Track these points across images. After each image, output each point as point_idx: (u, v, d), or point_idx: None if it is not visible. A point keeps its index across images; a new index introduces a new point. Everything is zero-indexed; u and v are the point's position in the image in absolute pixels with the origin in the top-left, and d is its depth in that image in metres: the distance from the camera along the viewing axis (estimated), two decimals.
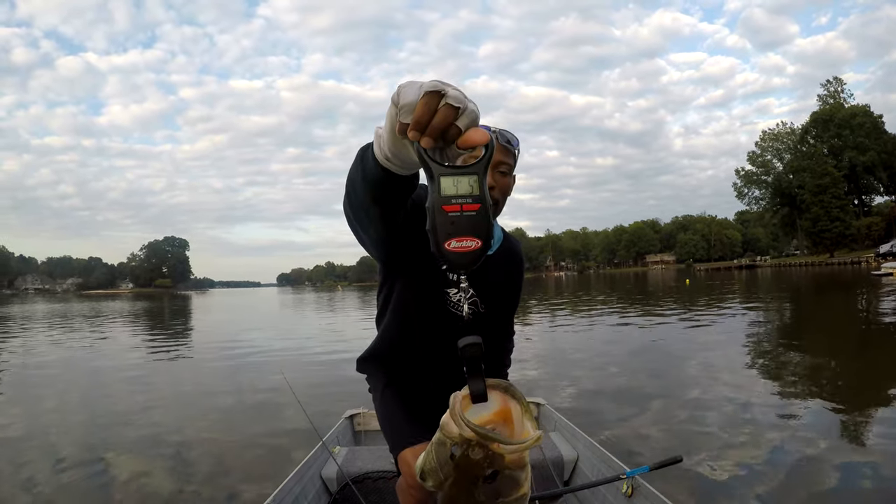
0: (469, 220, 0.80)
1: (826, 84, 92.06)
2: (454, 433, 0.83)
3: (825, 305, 18.70)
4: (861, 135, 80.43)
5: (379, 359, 2.05)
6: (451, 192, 0.80)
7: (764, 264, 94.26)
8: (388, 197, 1.13)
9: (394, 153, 0.96)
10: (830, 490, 3.59)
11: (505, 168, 1.74)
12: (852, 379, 6.93)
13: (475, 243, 0.80)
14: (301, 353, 11.52)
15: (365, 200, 1.17)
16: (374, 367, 2.08)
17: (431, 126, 0.79)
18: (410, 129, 0.81)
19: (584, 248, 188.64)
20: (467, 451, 0.82)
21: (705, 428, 4.99)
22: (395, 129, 0.86)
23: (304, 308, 33.62)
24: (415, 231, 1.50)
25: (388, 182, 1.04)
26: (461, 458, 0.83)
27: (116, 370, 10.12)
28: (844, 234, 77.81)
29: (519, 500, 0.86)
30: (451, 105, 0.79)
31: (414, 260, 1.72)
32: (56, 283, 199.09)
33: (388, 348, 2.00)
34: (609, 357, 9.27)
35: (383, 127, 0.94)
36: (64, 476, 4.44)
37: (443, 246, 0.80)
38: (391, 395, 2.01)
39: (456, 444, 0.83)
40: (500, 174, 1.73)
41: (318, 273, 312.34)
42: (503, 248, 1.96)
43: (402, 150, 0.94)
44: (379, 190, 1.10)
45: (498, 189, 1.73)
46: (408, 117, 0.81)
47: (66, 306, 46.84)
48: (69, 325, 22.86)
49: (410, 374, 1.98)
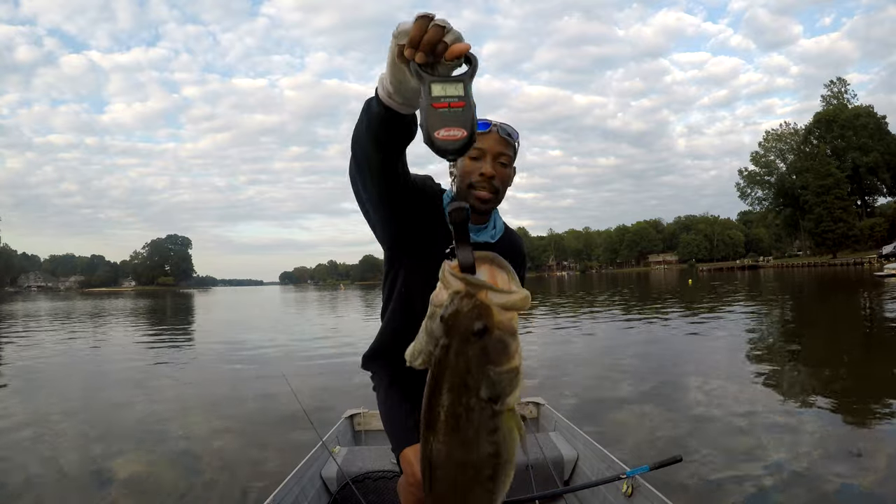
0: (455, 114, 0.90)
1: (829, 85, 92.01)
2: (443, 297, 0.85)
3: (828, 307, 18.66)
4: (864, 136, 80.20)
5: (384, 353, 2.04)
6: (440, 94, 0.91)
7: (766, 265, 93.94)
8: (389, 139, 1.28)
9: (395, 87, 1.09)
10: (831, 490, 3.59)
11: (505, 160, 1.76)
12: (854, 381, 6.90)
13: (461, 133, 0.89)
14: (302, 353, 11.53)
15: (368, 148, 1.32)
16: (379, 363, 2.08)
17: (423, 42, 0.93)
18: (407, 48, 0.95)
19: (586, 247, 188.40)
20: (457, 305, 0.82)
21: (705, 427, 4.99)
22: (395, 54, 1.00)
23: (307, 307, 33.63)
24: (416, 214, 1.70)
25: (390, 122, 1.20)
26: (451, 314, 0.83)
27: (117, 369, 10.17)
28: (847, 234, 77.62)
29: (510, 374, 0.84)
30: (438, 25, 0.93)
31: (418, 244, 1.77)
32: (59, 280, 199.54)
33: (392, 338, 1.99)
34: (610, 357, 9.27)
35: (385, 69, 1.09)
36: (65, 474, 4.48)
37: (433, 134, 0.89)
38: (395, 392, 2.01)
39: (446, 306, 0.84)
40: (501, 165, 1.76)
41: (320, 272, 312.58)
42: (505, 240, 1.96)
43: (402, 78, 1.05)
44: (381, 130, 1.24)
45: (498, 178, 1.75)
46: (404, 39, 0.96)
47: (68, 304, 46.91)
48: (72, 323, 22.92)
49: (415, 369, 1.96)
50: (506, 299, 0.83)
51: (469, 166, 1.72)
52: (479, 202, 1.73)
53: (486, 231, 1.88)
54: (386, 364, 2.04)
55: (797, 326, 13.35)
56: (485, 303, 0.82)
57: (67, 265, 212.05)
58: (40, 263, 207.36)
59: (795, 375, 7.16)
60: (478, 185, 1.72)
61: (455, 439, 0.87)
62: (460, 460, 0.89)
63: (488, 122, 1.73)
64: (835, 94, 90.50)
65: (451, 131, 0.89)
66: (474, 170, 1.71)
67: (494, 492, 0.94)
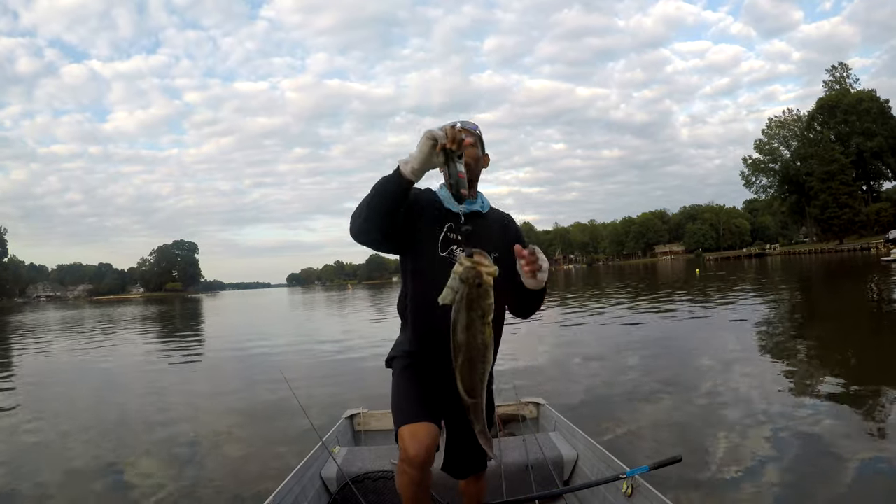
0: (465, 179, 1.93)
1: (831, 70, 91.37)
2: (459, 269, 1.69)
3: (836, 293, 18.56)
4: (868, 120, 79.73)
5: (407, 339, 2.36)
6: (462, 168, 1.91)
7: (773, 252, 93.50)
8: (402, 204, 2.04)
9: (421, 166, 1.92)
10: (833, 489, 3.56)
11: (472, 140, 2.17)
12: (860, 375, 6.76)
13: (470, 190, 2.21)
14: (302, 353, 11.60)
15: (384, 225, 2.05)
16: (400, 352, 2.39)
17: (452, 139, 1.88)
18: (449, 142, 1.88)
19: (592, 240, 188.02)
20: (467, 272, 1.67)
21: (706, 426, 4.94)
22: (430, 146, 1.88)
23: (314, 309, 33.69)
24: (412, 216, 2.20)
25: (405, 191, 1.99)
26: (464, 275, 1.68)
27: (123, 373, 10.23)
28: (853, 220, 77.23)
29: (490, 304, 1.71)
30: (460, 129, 1.92)
31: (416, 235, 2.24)
32: (67, 290, 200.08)
33: (416, 312, 2.32)
34: (614, 353, 9.27)
35: (412, 156, 1.93)
36: (68, 473, 4.53)
37: (461, 191, 1.90)
38: (407, 377, 2.32)
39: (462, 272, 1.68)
40: (470, 146, 2.17)
41: (327, 272, 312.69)
42: (493, 212, 2.44)
43: (432, 161, 1.92)
44: (401, 201, 2.02)
45: (468, 156, 2.19)
46: (441, 138, 1.88)
47: (77, 313, 47.10)
48: (81, 331, 23.02)
49: (432, 345, 2.24)
50: (488, 270, 1.70)
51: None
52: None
53: (477, 204, 2.35)
54: (407, 353, 2.36)
55: (805, 316, 13.24)
56: (479, 270, 1.68)
57: (75, 274, 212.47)
58: (48, 273, 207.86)
59: (799, 371, 7.03)
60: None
61: (468, 334, 1.73)
62: (470, 344, 1.75)
63: (454, 123, 2.11)
64: (837, 79, 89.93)
65: (467, 188, 1.95)
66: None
67: (486, 363, 1.80)
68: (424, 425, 2.16)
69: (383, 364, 2.48)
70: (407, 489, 2.18)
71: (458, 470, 2.50)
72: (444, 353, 1.97)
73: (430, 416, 2.21)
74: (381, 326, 16.47)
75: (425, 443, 2.11)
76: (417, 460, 2.09)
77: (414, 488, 2.16)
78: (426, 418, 2.18)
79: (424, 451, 2.10)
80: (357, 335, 14.71)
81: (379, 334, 14.18)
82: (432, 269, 2.18)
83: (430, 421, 2.19)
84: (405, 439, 2.12)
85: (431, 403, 2.26)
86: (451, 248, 2.25)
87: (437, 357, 2.20)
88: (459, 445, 2.44)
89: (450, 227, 2.26)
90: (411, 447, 2.10)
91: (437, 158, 1.91)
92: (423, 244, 2.25)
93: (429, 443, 2.12)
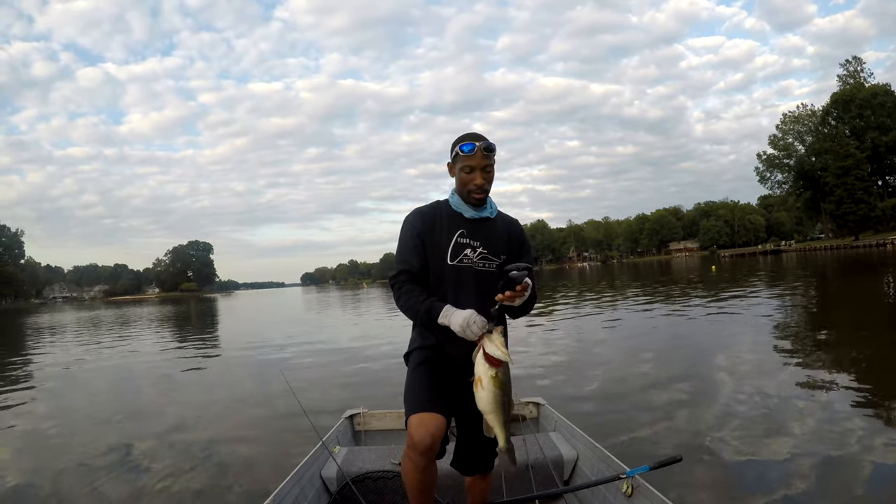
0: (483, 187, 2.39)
1: (845, 64, 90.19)
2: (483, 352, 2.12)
3: (852, 290, 18.35)
4: (883, 114, 78.65)
5: (420, 334, 2.53)
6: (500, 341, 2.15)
7: (789, 249, 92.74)
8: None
9: (455, 329, 2.22)
10: (835, 489, 3.53)
11: (489, 168, 2.42)
12: (872, 377, 6.62)
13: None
14: (303, 354, 11.65)
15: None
16: (415, 347, 2.52)
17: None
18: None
19: (606, 237, 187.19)
20: (482, 346, 2.12)
21: (707, 426, 4.90)
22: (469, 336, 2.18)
23: (328, 308, 33.83)
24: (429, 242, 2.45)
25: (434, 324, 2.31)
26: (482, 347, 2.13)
27: (131, 374, 10.38)
28: (869, 215, 76.30)
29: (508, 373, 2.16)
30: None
31: (433, 248, 2.45)
32: (83, 290, 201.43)
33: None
34: (621, 353, 9.28)
35: (451, 320, 2.22)
36: (73, 472, 4.59)
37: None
38: (422, 371, 2.43)
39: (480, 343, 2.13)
40: (486, 172, 2.41)
41: (341, 271, 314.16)
42: (500, 217, 2.59)
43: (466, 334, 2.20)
44: (424, 324, 2.42)
45: (486, 182, 2.42)
46: (472, 338, 2.18)
47: (93, 314, 47.52)
48: (98, 331, 23.25)
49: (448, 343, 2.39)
50: (504, 357, 2.12)
51: (465, 178, 2.40)
52: (476, 200, 2.43)
53: (486, 210, 2.50)
54: (424, 347, 2.49)
55: (819, 315, 13.08)
56: (498, 358, 2.11)
57: (91, 275, 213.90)
58: (64, 275, 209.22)
59: (806, 370, 6.86)
60: (473, 191, 2.40)
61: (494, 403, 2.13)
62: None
63: (473, 144, 2.35)
64: (851, 73, 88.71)
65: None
66: (469, 181, 2.39)
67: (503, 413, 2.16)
68: (433, 415, 2.23)
69: (386, 364, 2.60)
70: (410, 475, 2.26)
71: (467, 467, 2.57)
72: (458, 351, 2.25)
73: (439, 408, 2.28)
74: (390, 326, 16.51)
75: (431, 430, 2.18)
76: (422, 446, 2.17)
77: (417, 475, 2.24)
78: (435, 409, 2.26)
79: (430, 437, 2.17)
80: (370, 335, 14.72)
81: (385, 334, 14.27)
82: (444, 272, 2.43)
83: (440, 412, 2.26)
84: (413, 426, 2.22)
85: (443, 397, 2.35)
86: (465, 253, 2.44)
87: (452, 354, 2.39)
88: (469, 443, 2.51)
89: (461, 233, 2.45)
90: (417, 433, 2.18)
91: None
92: (438, 254, 2.44)
93: (435, 431, 2.19)
